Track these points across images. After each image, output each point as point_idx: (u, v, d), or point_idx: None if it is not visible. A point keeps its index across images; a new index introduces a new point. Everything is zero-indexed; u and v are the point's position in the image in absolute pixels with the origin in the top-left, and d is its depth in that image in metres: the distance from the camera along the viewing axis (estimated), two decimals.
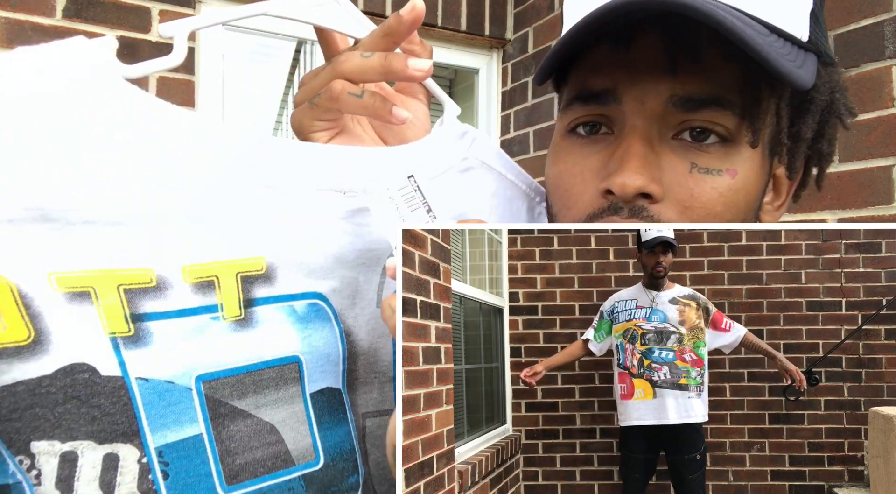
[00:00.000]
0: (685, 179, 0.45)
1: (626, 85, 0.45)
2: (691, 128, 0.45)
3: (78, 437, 0.40)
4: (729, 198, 0.45)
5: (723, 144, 0.46)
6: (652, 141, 0.45)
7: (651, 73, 0.44)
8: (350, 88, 0.46)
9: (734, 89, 0.44)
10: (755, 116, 0.45)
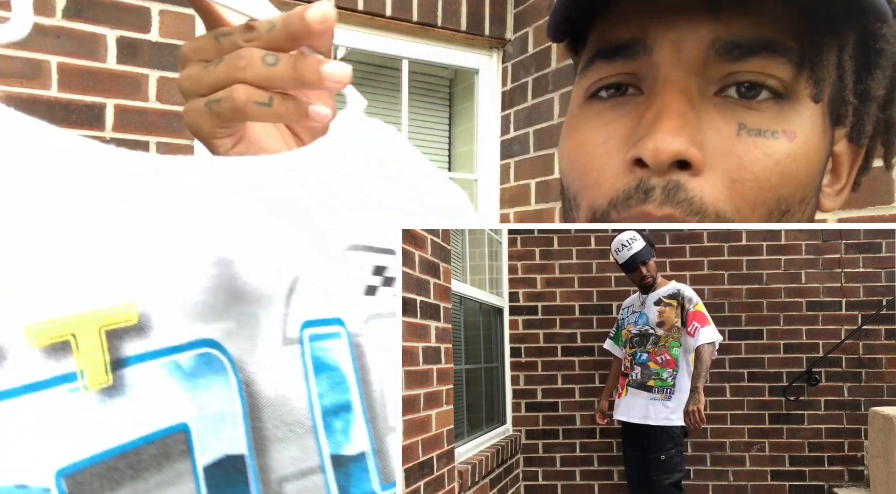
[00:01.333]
0: (732, 144, 0.37)
1: (659, 31, 0.37)
2: (738, 82, 0.37)
3: None
4: (787, 166, 0.37)
5: (777, 100, 0.37)
6: (692, 98, 0.37)
7: (689, 15, 0.36)
8: (256, 97, 0.37)
9: (789, 33, 0.36)
10: (816, 64, 0.37)
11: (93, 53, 1.76)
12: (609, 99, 0.40)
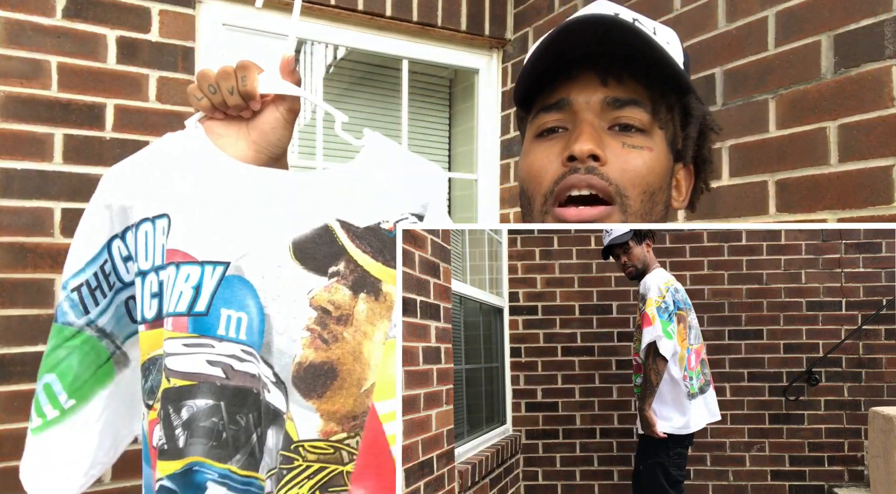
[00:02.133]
0: (620, 152, 0.64)
1: (575, 94, 0.65)
2: (619, 124, 0.65)
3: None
4: (651, 165, 0.65)
5: (640, 132, 0.65)
6: (596, 129, 0.64)
7: (591, 85, 0.65)
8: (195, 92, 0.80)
9: (644, 96, 0.65)
10: (659, 114, 0.66)
11: (93, 53, 1.76)
12: (548, 137, 0.67)
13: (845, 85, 1.34)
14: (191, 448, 0.68)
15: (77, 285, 0.75)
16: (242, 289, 0.70)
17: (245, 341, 0.70)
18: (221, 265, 0.70)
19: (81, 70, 1.75)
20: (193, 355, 0.68)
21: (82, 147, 1.74)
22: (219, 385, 0.69)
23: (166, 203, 0.72)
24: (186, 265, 0.69)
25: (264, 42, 2.31)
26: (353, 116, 2.49)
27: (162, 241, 0.71)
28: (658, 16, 1.78)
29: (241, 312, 0.70)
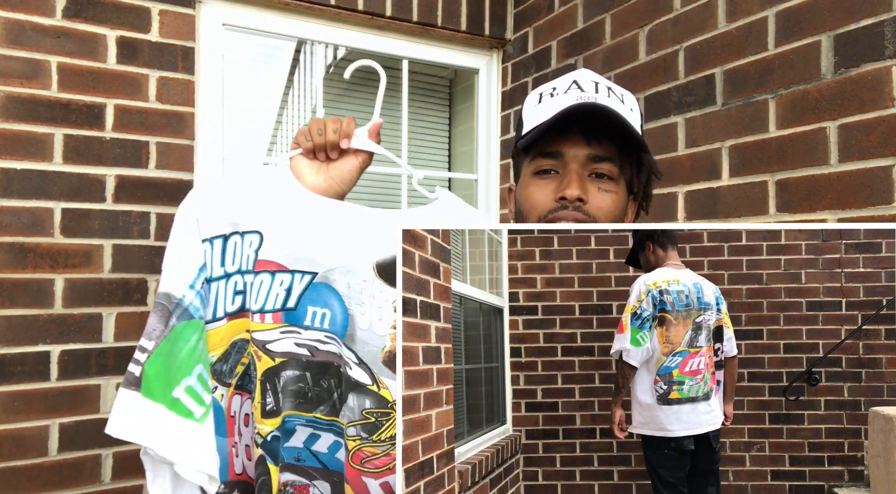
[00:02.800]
0: (596, 193, 0.89)
1: (567, 149, 0.90)
2: (596, 172, 0.90)
3: None
4: (616, 203, 0.90)
5: (610, 180, 0.91)
6: (581, 176, 0.89)
7: (579, 144, 0.89)
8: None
9: (615, 155, 0.90)
10: (623, 167, 0.92)
11: (93, 53, 1.76)
12: (544, 176, 0.91)
13: (845, 85, 1.34)
14: (284, 405, 0.92)
15: (201, 284, 0.92)
16: (328, 293, 0.94)
17: (328, 329, 0.93)
18: (309, 274, 0.93)
19: (81, 70, 1.75)
20: (285, 339, 0.91)
21: (82, 147, 1.74)
22: (304, 361, 0.93)
23: (259, 223, 0.93)
24: (280, 273, 0.92)
25: (264, 42, 2.31)
26: (353, 116, 2.49)
27: (248, 252, 0.92)
28: (658, 16, 1.78)
29: (325, 308, 0.94)
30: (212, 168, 1.96)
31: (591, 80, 0.93)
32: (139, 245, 1.80)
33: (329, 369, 0.93)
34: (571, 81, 0.92)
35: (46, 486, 1.67)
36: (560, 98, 0.90)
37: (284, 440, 0.94)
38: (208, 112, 1.96)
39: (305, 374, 0.92)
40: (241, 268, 0.92)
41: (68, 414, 1.70)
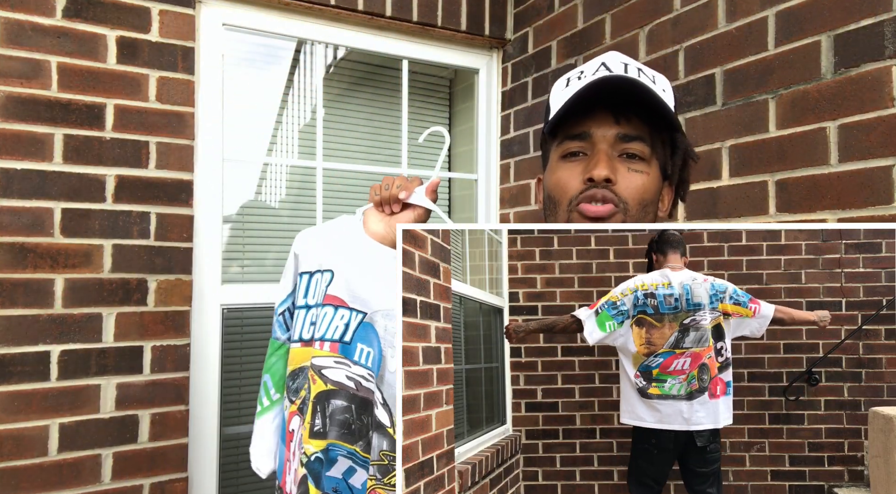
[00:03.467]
0: (626, 174, 0.85)
1: (594, 129, 0.86)
2: (626, 153, 0.86)
3: None
4: (647, 185, 0.86)
5: (641, 160, 0.86)
6: (609, 156, 0.85)
7: (606, 122, 0.85)
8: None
9: (646, 132, 0.86)
10: (655, 147, 0.87)
11: (93, 53, 1.76)
12: (572, 159, 0.88)
13: (845, 85, 1.34)
14: (331, 432, 1.00)
15: (283, 310, 1.08)
16: (372, 333, 1.02)
17: (371, 367, 1.02)
18: (362, 313, 1.02)
19: (81, 70, 1.75)
20: (338, 369, 1.00)
21: (82, 147, 1.74)
22: (351, 394, 1.00)
23: (332, 263, 1.05)
24: (342, 309, 1.02)
25: (264, 42, 2.31)
26: (353, 116, 2.49)
27: (322, 287, 1.03)
28: (658, 16, 1.78)
29: (370, 347, 1.02)
30: (212, 168, 1.96)
31: (621, 61, 0.89)
32: (139, 245, 1.80)
33: (368, 406, 1.01)
34: (600, 64, 0.89)
35: (46, 486, 1.67)
36: (587, 80, 0.86)
37: (327, 468, 1.02)
38: (208, 112, 1.96)
39: (351, 406, 1.00)
40: (317, 301, 1.04)
41: (68, 414, 1.70)
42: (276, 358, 1.08)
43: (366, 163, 2.47)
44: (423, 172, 2.58)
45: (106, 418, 1.75)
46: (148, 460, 1.79)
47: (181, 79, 1.88)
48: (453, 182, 2.67)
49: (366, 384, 1.00)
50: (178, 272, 1.85)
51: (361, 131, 2.48)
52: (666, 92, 0.89)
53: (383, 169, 2.47)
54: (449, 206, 2.67)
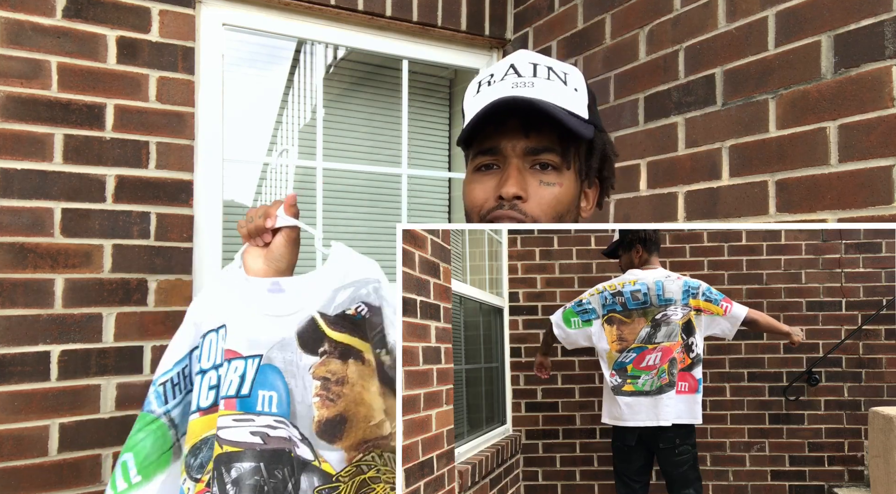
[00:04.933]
0: (537, 189, 0.84)
1: (504, 143, 0.85)
2: (539, 163, 0.85)
3: None
4: (560, 196, 0.85)
5: (554, 171, 0.85)
6: (520, 170, 0.85)
7: (516, 136, 0.85)
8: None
9: (556, 143, 0.85)
10: (567, 156, 0.86)
11: (93, 53, 1.76)
12: (485, 171, 0.88)
13: (845, 85, 1.34)
14: None
15: (164, 381, 0.98)
16: (273, 374, 0.94)
17: (276, 413, 0.93)
18: (258, 357, 0.94)
19: (81, 70, 1.75)
20: (240, 427, 0.92)
21: (82, 147, 1.74)
22: (258, 450, 0.92)
23: (223, 316, 0.98)
24: (235, 360, 0.94)
25: (264, 42, 2.31)
26: (353, 116, 2.49)
27: (221, 345, 0.96)
28: (658, 16, 1.78)
29: (272, 391, 0.94)
30: (212, 168, 1.96)
31: (529, 61, 0.88)
32: (139, 245, 1.80)
33: (281, 457, 0.93)
34: (508, 66, 0.88)
35: (46, 486, 1.67)
36: (496, 86, 0.86)
37: None
38: (208, 112, 1.96)
39: (260, 465, 0.92)
40: (214, 363, 0.96)
41: (68, 414, 1.70)
42: (145, 434, 0.96)
43: (366, 163, 2.47)
44: (423, 172, 2.58)
45: (106, 418, 1.75)
46: None
47: (181, 79, 1.88)
48: (453, 182, 2.67)
49: (274, 434, 0.93)
50: (178, 272, 1.85)
51: (361, 131, 2.48)
52: (578, 91, 0.88)
53: (383, 169, 2.48)
54: (449, 206, 2.67)
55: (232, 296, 0.98)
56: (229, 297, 0.98)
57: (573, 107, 0.86)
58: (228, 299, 0.98)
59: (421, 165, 2.60)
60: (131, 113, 1.81)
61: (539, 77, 0.86)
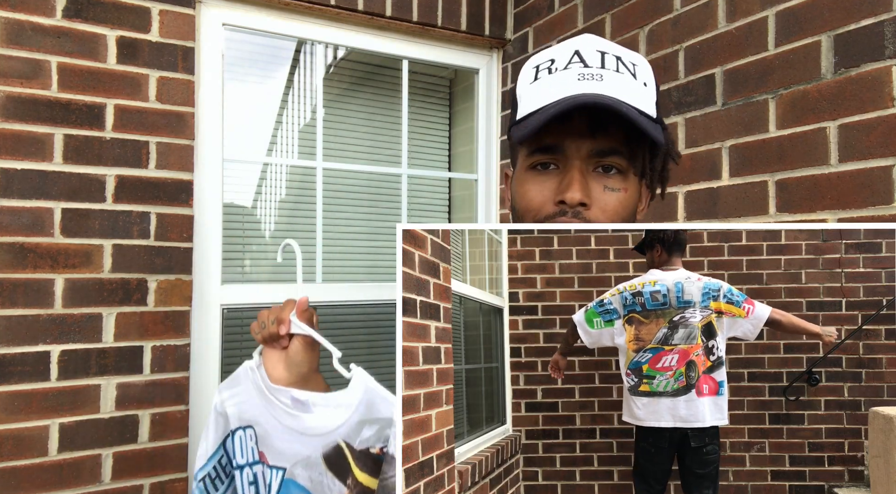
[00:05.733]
0: (601, 194, 0.79)
1: (567, 142, 0.78)
2: (602, 166, 0.79)
3: None
4: (624, 203, 0.80)
5: (619, 174, 0.80)
6: (583, 172, 0.78)
7: (581, 136, 0.78)
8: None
9: (623, 145, 0.78)
10: (634, 159, 0.80)
11: (93, 53, 1.76)
12: (542, 171, 0.81)
13: (845, 85, 1.34)
14: None
15: (203, 476, 0.99)
16: (297, 489, 0.95)
17: None
18: (281, 470, 0.95)
19: (81, 70, 1.75)
20: None
21: (82, 147, 1.74)
22: None
23: (248, 417, 0.99)
24: (265, 465, 0.96)
25: (264, 42, 2.31)
26: (353, 116, 2.49)
27: (251, 444, 0.97)
28: (658, 16, 1.78)
29: None
30: (212, 168, 1.96)
31: (597, 49, 0.79)
32: (139, 245, 1.80)
33: None
34: (573, 52, 0.79)
35: (46, 486, 1.67)
36: (559, 76, 0.78)
37: None
38: (208, 112, 1.96)
39: None
40: (249, 460, 0.98)
41: (68, 414, 1.70)
42: None
43: (366, 163, 2.47)
44: (423, 172, 2.58)
45: (106, 418, 1.75)
46: (148, 460, 1.79)
47: (181, 79, 1.88)
48: (453, 182, 2.67)
49: None
50: (178, 272, 1.85)
51: (361, 131, 2.48)
52: (647, 85, 0.82)
53: (383, 169, 2.48)
54: (449, 206, 2.67)
55: (257, 400, 0.97)
56: (255, 400, 0.97)
57: (643, 105, 0.79)
58: (254, 403, 0.97)
59: (421, 166, 2.60)
60: (131, 113, 1.81)
61: (608, 68, 0.78)
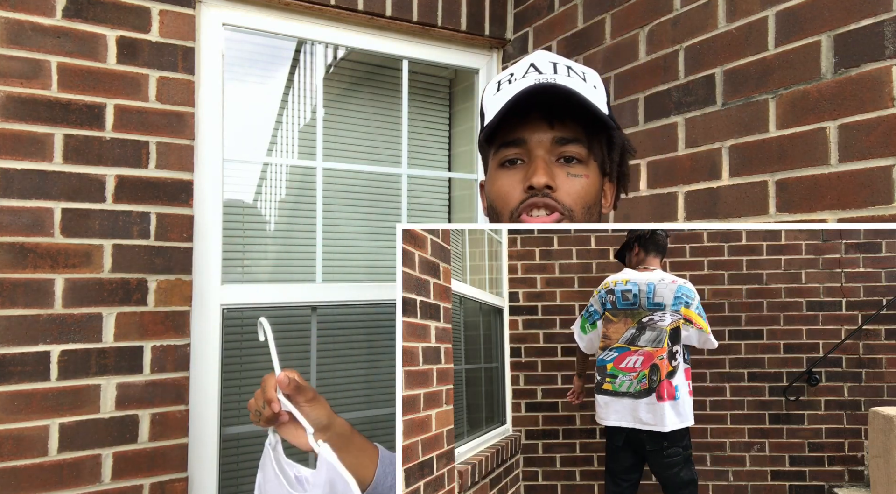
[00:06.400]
0: (565, 179, 0.85)
1: (529, 135, 0.85)
2: (564, 157, 0.85)
3: None
4: (588, 188, 0.86)
5: (580, 163, 0.86)
6: (547, 162, 0.84)
7: (540, 127, 0.85)
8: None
9: (582, 134, 0.86)
10: (592, 147, 0.87)
11: (93, 53, 1.76)
12: (510, 167, 0.87)
13: (845, 85, 1.34)
14: None
15: None
16: None
17: None
18: None
19: (81, 70, 1.75)
20: None
21: (82, 147, 1.74)
22: None
23: None
24: None
25: (264, 42, 2.31)
26: (353, 116, 2.49)
27: None
28: (658, 16, 1.78)
29: None
30: (212, 168, 1.96)
31: (549, 61, 0.89)
32: (139, 245, 1.80)
33: None
34: (528, 65, 0.89)
35: (46, 486, 1.67)
36: (518, 83, 0.86)
37: None
38: (208, 112, 1.96)
39: None
40: None
41: (68, 414, 1.70)
42: None
43: (366, 163, 2.47)
44: (423, 172, 2.58)
45: (106, 418, 1.75)
46: (148, 460, 1.79)
47: (181, 79, 1.87)
48: (453, 182, 2.67)
49: None
50: (178, 272, 1.85)
51: (361, 131, 2.48)
52: (598, 89, 0.89)
53: (383, 169, 2.47)
54: (449, 206, 2.67)
55: (272, 478, 0.98)
56: (273, 481, 0.98)
57: (594, 100, 0.85)
58: (272, 484, 0.98)
59: (421, 166, 2.60)
60: (131, 113, 1.81)
61: (559, 74, 0.86)
